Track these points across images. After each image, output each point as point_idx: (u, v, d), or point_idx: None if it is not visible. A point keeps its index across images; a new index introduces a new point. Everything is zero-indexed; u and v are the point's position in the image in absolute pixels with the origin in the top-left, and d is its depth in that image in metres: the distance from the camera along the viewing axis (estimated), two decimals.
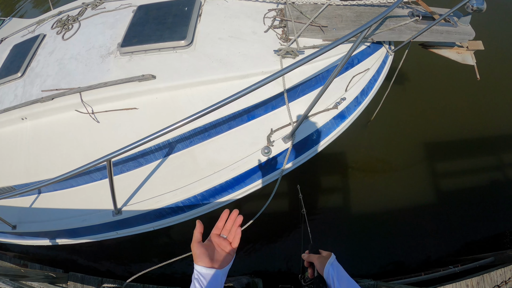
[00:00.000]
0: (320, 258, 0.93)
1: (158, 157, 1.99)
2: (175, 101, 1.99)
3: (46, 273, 2.62)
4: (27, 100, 2.25)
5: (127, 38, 2.19)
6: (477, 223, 3.17)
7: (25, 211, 2.25)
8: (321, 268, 0.90)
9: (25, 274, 2.42)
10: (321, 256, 0.94)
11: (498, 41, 4.07)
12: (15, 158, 2.24)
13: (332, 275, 0.85)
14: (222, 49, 2.09)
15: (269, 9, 2.37)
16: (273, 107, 1.99)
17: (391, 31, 2.14)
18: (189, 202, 1.90)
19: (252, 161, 1.86)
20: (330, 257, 0.92)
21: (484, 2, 2.01)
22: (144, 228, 2.02)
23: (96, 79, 2.11)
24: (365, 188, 3.41)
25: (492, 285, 2.41)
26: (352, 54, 1.37)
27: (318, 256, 0.95)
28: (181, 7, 2.32)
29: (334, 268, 0.87)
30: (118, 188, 1.96)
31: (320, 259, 0.93)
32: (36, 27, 2.92)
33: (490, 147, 3.54)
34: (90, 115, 2.08)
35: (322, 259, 0.92)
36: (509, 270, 2.44)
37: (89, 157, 2.05)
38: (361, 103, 2.08)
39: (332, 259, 0.90)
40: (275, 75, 1.31)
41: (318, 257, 0.95)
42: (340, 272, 0.86)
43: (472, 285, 2.43)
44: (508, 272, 2.43)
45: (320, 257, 0.94)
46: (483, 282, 2.43)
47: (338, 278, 0.84)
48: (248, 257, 3.17)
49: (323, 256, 0.94)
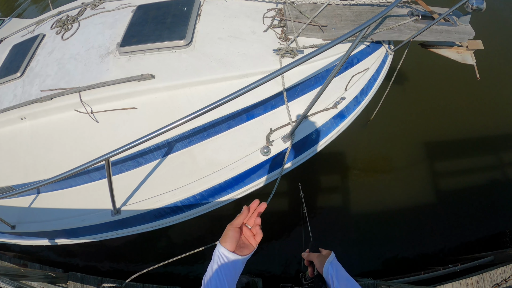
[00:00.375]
0: (320, 257, 0.94)
1: (157, 157, 1.99)
2: (174, 100, 1.99)
3: (46, 273, 2.62)
4: (26, 100, 2.24)
5: (126, 38, 2.19)
6: (477, 222, 3.17)
7: (24, 211, 2.25)
8: (321, 267, 0.90)
9: (25, 274, 2.42)
10: (321, 255, 0.95)
11: (498, 40, 4.07)
12: (14, 158, 2.23)
13: (331, 274, 0.86)
14: (221, 49, 2.09)
15: (269, 8, 2.37)
16: (272, 106, 1.99)
17: (391, 30, 2.14)
18: (188, 202, 1.89)
19: (252, 161, 1.86)
20: (330, 255, 0.92)
21: (483, 1, 2.00)
22: (143, 228, 2.02)
23: (95, 79, 2.11)
24: (365, 187, 3.42)
25: (492, 283, 2.41)
26: (352, 53, 1.36)
27: (318, 255, 0.95)
28: (180, 6, 2.32)
29: (333, 266, 0.87)
30: (117, 188, 1.95)
31: (320, 258, 0.93)
32: (36, 27, 2.92)
33: (490, 147, 3.55)
34: (89, 115, 2.08)
35: (322, 258, 0.92)
36: (509, 269, 2.44)
37: (88, 156, 2.03)
38: (360, 102, 2.08)
39: (331, 258, 0.91)
40: (274, 74, 1.31)
41: (318, 255, 0.95)
42: (339, 270, 0.86)
43: (472, 284, 2.43)
44: (508, 271, 2.43)
45: (319, 256, 0.94)
46: (483, 281, 2.43)
47: (337, 276, 0.84)
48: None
49: (322, 255, 0.94)
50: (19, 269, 2.60)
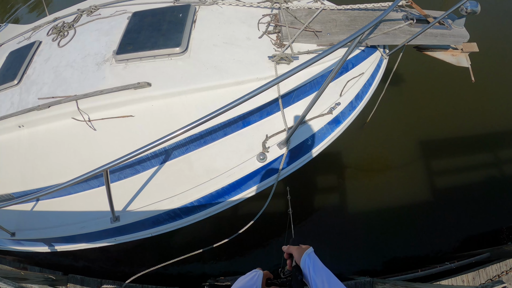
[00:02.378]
0: (299, 249, 0.97)
1: (155, 164, 2.01)
2: (170, 108, 2.00)
3: (46, 276, 2.65)
4: (23, 108, 2.25)
5: (122, 46, 2.19)
6: (473, 219, 3.21)
7: (24, 218, 2.27)
8: (299, 258, 0.93)
9: (25, 277, 2.45)
10: (300, 248, 0.97)
11: (493, 42, 4.08)
12: (13, 166, 2.25)
13: (308, 264, 0.88)
14: (217, 56, 2.10)
15: (264, 14, 2.37)
16: (268, 113, 2.00)
17: (386, 35, 2.15)
18: (186, 209, 1.92)
19: (248, 168, 1.88)
20: (308, 249, 0.95)
21: (478, 4, 2.01)
22: (142, 234, 2.05)
23: (92, 87, 2.12)
24: (360, 188, 3.45)
25: (487, 279, 2.43)
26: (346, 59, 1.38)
27: (297, 248, 0.98)
28: (175, 13, 2.32)
29: (310, 258, 0.90)
30: (116, 195, 1.97)
31: (299, 250, 0.96)
32: (32, 34, 2.92)
33: (485, 145, 3.59)
34: (87, 123, 2.09)
35: (301, 250, 0.95)
36: (504, 265, 2.47)
37: (87, 164, 2.08)
38: (355, 107, 2.10)
39: (309, 251, 0.94)
40: (270, 83, 1.33)
41: (297, 248, 0.98)
42: (316, 262, 0.89)
43: (467, 280, 2.46)
44: (503, 267, 2.46)
45: (299, 249, 0.97)
46: (479, 277, 2.46)
47: (314, 267, 0.86)
48: (245, 256, 3.20)
49: (301, 247, 0.97)
50: (19, 272, 2.63)
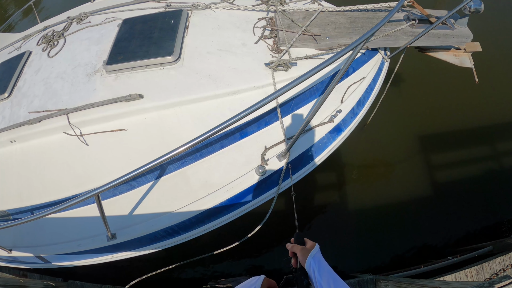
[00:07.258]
0: (303, 250, 0.92)
1: (150, 179, 1.94)
2: (164, 121, 1.93)
3: (46, 282, 2.62)
4: (15, 122, 2.19)
5: (113, 55, 2.11)
6: (475, 213, 3.19)
7: (20, 235, 2.22)
8: (303, 260, 0.89)
9: (24, 284, 2.41)
10: (304, 248, 0.93)
11: (496, 41, 4.01)
12: (7, 182, 2.19)
13: (313, 267, 0.85)
14: (211, 64, 2.02)
15: (259, 18, 2.27)
16: (266, 123, 1.92)
17: (387, 37, 2.06)
18: (184, 225, 1.86)
19: (247, 182, 1.81)
20: (313, 249, 0.91)
21: (481, 3, 1.92)
22: (140, 251, 1.99)
23: (82, 100, 2.05)
24: (363, 185, 3.42)
25: (491, 273, 2.42)
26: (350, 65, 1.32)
27: (302, 248, 0.93)
28: (167, 19, 2.23)
29: (315, 260, 0.87)
30: (111, 211, 1.92)
31: (303, 251, 0.92)
32: (22, 43, 2.84)
33: (485, 140, 3.58)
34: (79, 138, 2.02)
35: (305, 252, 0.91)
36: (508, 258, 2.45)
37: (81, 180, 2.03)
38: (357, 114, 2.02)
39: (314, 252, 0.90)
40: (270, 97, 1.28)
41: (302, 248, 0.93)
42: (322, 264, 0.86)
43: (471, 274, 2.44)
44: (507, 260, 2.44)
45: (303, 249, 0.93)
46: (482, 271, 2.43)
47: (319, 270, 0.84)
48: (247, 258, 3.18)
49: (306, 248, 0.93)
50: (18, 279, 2.60)
